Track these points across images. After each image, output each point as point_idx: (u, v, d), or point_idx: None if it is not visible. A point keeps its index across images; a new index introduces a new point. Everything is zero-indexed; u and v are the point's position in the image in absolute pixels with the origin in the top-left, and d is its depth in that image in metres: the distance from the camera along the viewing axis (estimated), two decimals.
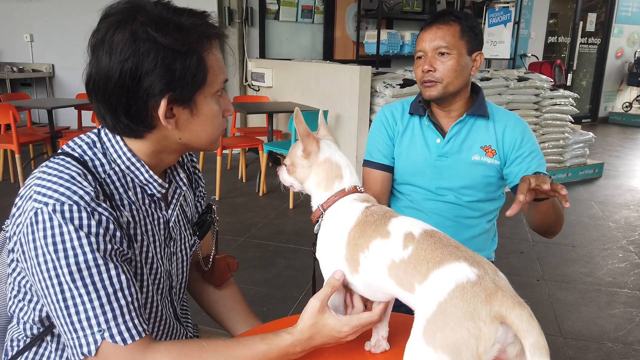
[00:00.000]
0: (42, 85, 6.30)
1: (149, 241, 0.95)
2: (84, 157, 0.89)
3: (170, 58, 0.81)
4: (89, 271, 0.80)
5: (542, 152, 1.61)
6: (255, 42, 6.40)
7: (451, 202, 1.62)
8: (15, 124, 3.96)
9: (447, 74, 1.51)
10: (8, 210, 0.91)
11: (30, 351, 0.95)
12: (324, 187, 0.95)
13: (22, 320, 0.93)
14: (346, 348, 0.97)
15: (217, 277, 1.21)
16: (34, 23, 6.10)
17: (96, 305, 0.80)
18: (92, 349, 0.80)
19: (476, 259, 0.76)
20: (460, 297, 0.70)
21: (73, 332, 0.81)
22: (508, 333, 0.69)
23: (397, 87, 4.26)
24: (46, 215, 0.79)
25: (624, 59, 9.91)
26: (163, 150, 0.93)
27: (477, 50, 1.57)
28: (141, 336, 0.83)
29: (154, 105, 0.84)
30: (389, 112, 1.70)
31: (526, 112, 4.87)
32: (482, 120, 1.60)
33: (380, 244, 0.83)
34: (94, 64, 0.84)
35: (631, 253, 3.54)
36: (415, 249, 0.79)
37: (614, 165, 6.19)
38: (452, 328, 0.69)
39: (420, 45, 1.56)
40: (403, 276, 0.79)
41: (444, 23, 1.52)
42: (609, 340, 2.44)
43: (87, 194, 0.82)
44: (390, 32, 6.59)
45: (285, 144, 4.37)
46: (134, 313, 0.83)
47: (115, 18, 0.82)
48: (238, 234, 3.58)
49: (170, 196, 1.01)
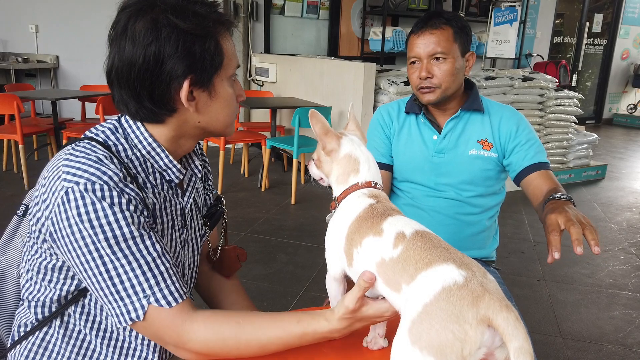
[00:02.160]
0: (46, 76, 6.30)
1: (169, 225, 0.98)
2: (108, 142, 0.92)
3: (190, 41, 0.86)
4: (126, 243, 0.83)
5: (540, 140, 1.61)
6: (260, 36, 6.39)
7: (451, 198, 1.63)
8: (20, 115, 3.96)
9: (444, 78, 1.52)
10: (12, 200, 0.92)
11: (36, 337, 0.96)
12: (342, 180, 0.96)
13: (34, 302, 0.95)
14: (345, 346, 0.97)
15: (226, 267, 1.23)
16: (39, 14, 6.10)
17: (138, 273, 0.84)
18: (139, 314, 0.85)
19: (465, 261, 0.75)
20: (446, 299, 0.70)
21: (119, 300, 0.85)
22: (495, 337, 0.69)
23: (402, 85, 4.25)
24: (78, 194, 0.82)
25: (629, 60, 9.86)
26: (182, 135, 0.96)
27: (469, 50, 1.58)
28: (183, 299, 0.88)
29: (176, 87, 0.88)
30: (385, 111, 1.72)
31: (530, 112, 4.86)
32: (477, 115, 1.61)
33: (372, 241, 0.84)
34: (115, 53, 0.87)
35: (632, 255, 3.53)
36: (404, 249, 0.79)
37: (617, 167, 6.18)
38: (437, 330, 0.69)
39: (414, 51, 1.55)
40: (391, 275, 0.79)
41: (436, 28, 1.51)
42: (608, 342, 2.44)
43: (115, 174, 0.85)
44: (396, 30, 6.57)
45: (288, 139, 4.37)
46: (174, 277, 0.88)
47: (134, 8, 0.87)
48: (239, 229, 3.59)
49: (186, 184, 1.04)
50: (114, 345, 0.97)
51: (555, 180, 1.51)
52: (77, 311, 0.95)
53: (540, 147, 1.59)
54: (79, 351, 0.95)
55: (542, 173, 1.52)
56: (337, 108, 4.62)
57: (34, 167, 4.61)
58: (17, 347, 0.97)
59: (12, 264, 1.03)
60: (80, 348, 0.95)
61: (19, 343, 0.97)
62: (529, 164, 1.55)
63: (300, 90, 5.30)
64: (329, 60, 5.19)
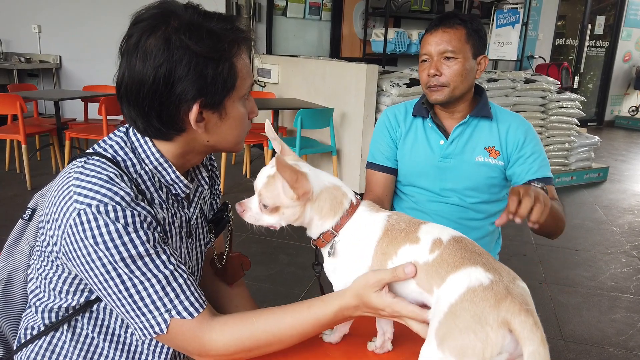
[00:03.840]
0: (49, 77, 6.31)
1: (178, 237, 0.98)
2: (117, 158, 0.91)
3: (202, 64, 0.83)
4: (142, 260, 0.84)
5: (545, 153, 1.61)
6: (263, 38, 6.40)
7: (455, 204, 1.62)
8: (22, 115, 3.97)
9: (453, 78, 1.51)
10: (14, 200, 0.92)
11: (44, 340, 0.96)
12: (331, 214, 0.90)
13: (42, 308, 0.95)
14: (349, 348, 0.97)
15: (230, 275, 1.22)
16: (42, 14, 6.11)
17: (158, 288, 0.85)
18: (163, 327, 0.86)
19: (495, 266, 0.76)
20: (470, 300, 0.70)
21: (141, 315, 0.85)
22: (517, 343, 0.69)
23: (404, 87, 4.25)
24: (91, 216, 0.81)
25: (631, 62, 9.86)
26: (190, 151, 0.96)
27: (482, 53, 1.57)
28: (203, 307, 0.89)
29: (185, 109, 0.86)
30: (392, 114, 1.70)
31: (532, 114, 4.85)
32: (485, 121, 1.60)
33: (409, 249, 0.83)
34: (126, 69, 0.85)
35: (634, 258, 3.53)
36: (440, 254, 0.80)
37: (619, 169, 6.17)
38: (460, 330, 0.69)
39: (426, 49, 1.55)
40: (424, 277, 0.80)
41: (449, 27, 1.51)
42: (609, 345, 2.44)
43: (127, 194, 0.84)
44: (398, 31, 6.58)
45: (290, 140, 4.36)
46: (192, 288, 0.88)
47: (147, 23, 0.84)
48: (241, 230, 3.57)
49: (192, 195, 1.03)
50: (122, 349, 0.97)
51: (554, 194, 1.52)
52: (86, 316, 0.95)
53: (544, 160, 1.58)
54: (87, 355, 0.96)
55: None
56: (339, 109, 4.62)
57: (36, 167, 4.62)
58: (23, 350, 0.98)
59: (18, 268, 1.03)
60: (87, 352, 0.96)
61: (25, 346, 0.97)
62: (532, 179, 1.55)
63: (303, 91, 5.30)
64: (331, 61, 5.19)
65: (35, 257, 0.96)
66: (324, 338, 0.99)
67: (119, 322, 0.96)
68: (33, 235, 1.02)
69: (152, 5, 0.86)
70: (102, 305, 0.95)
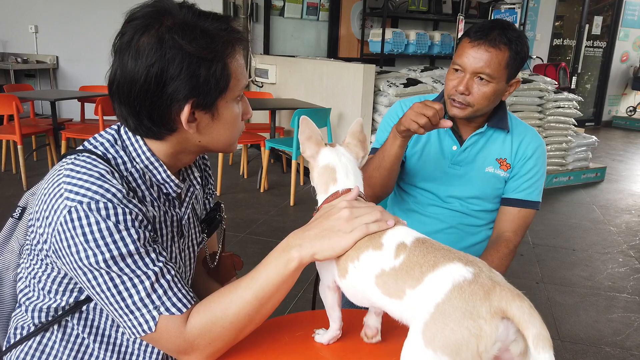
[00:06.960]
0: (45, 77, 6.29)
1: (169, 236, 0.97)
2: (107, 155, 0.90)
3: (195, 64, 0.83)
4: (132, 258, 0.83)
5: (544, 179, 1.58)
6: (260, 38, 6.40)
7: (457, 209, 1.60)
8: (18, 115, 3.96)
9: (480, 100, 1.44)
10: (10, 201, 0.91)
11: (34, 340, 0.96)
12: (322, 190, 0.96)
13: (32, 307, 0.95)
14: (344, 347, 0.97)
15: (222, 275, 1.22)
16: (38, 14, 6.09)
17: (147, 285, 0.84)
18: (151, 325, 0.84)
19: (469, 259, 0.76)
20: (459, 296, 0.70)
21: (129, 313, 0.84)
22: (509, 329, 0.68)
23: (401, 87, 4.25)
24: (82, 213, 0.80)
25: (629, 62, 9.88)
26: (182, 151, 0.95)
27: (515, 77, 1.48)
28: (191, 303, 0.87)
29: (177, 109, 0.85)
30: (407, 107, 1.60)
31: (529, 114, 4.86)
32: (500, 132, 1.56)
33: (372, 255, 0.82)
34: (118, 67, 0.85)
35: (631, 258, 3.53)
36: (407, 256, 0.78)
37: (616, 169, 6.18)
38: (452, 329, 0.68)
39: (462, 60, 1.43)
40: (392, 284, 0.78)
41: (494, 46, 1.39)
42: (606, 345, 2.44)
43: (119, 191, 0.84)
44: (395, 31, 6.58)
45: (287, 140, 4.36)
46: (180, 284, 0.87)
47: (141, 21, 0.83)
48: (238, 230, 3.59)
49: (184, 194, 1.03)
50: (112, 350, 0.96)
51: (527, 224, 1.56)
52: (76, 316, 0.95)
53: (537, 183, 1.56)
54: (77, 355, 0.95)
55: (521, 212, 1.55)
56: (337, 109, 4.62)
57: (32, 167, 4.60)
58: (13, 351, 0.97)
59: (8, 267, 1.03)
60: (78, 352, 0.95)
61: (14, 347, 0.97)
62: (516, 198, 1.55)
63: (300, 91, 5.30)
64: (329, 61, 5.19)
65: (24, 256, 0.95)
66: (316, 338, 0.98)
67: (109, 322, 0.96)
68: (23, 234, 1.01)
69: (146, 4, 0.85)
70: (92, 305, 0.94)
